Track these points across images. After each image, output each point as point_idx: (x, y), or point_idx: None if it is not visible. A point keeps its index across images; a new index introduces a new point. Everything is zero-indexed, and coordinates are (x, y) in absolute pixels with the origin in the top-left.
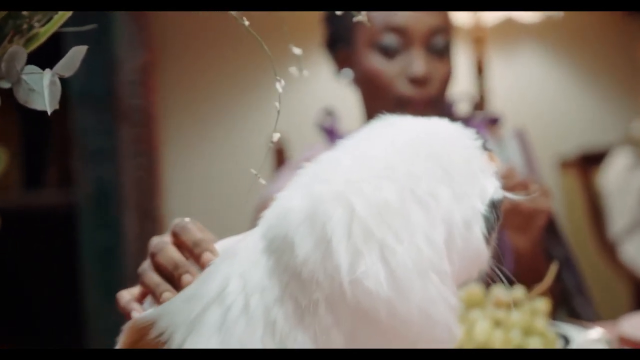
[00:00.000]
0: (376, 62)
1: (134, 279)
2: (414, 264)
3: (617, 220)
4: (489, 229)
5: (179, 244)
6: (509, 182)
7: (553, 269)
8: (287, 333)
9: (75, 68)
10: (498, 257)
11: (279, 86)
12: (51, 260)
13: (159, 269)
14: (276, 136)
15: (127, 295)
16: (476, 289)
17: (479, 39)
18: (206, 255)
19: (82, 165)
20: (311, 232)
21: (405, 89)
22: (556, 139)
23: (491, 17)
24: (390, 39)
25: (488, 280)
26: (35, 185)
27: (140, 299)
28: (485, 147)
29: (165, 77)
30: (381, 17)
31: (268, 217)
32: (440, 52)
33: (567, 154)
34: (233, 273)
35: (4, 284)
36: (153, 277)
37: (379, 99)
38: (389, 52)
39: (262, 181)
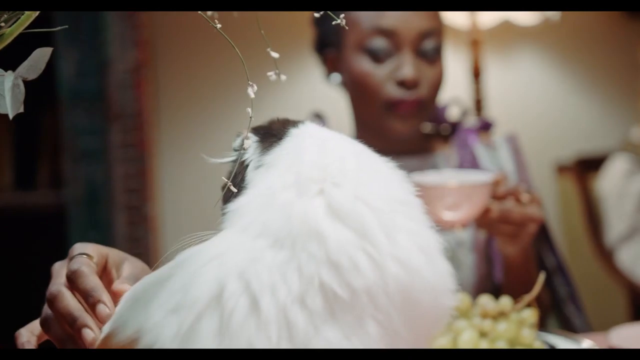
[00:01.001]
0: (365, 66)
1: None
2: (435, 242)
3: (614, 226)
4: None
5: (74, 288)
6: (500, 188)
7: (541, 279)
8: (312, 332)
9: (40, 70)
10: (488, 266)
11: (250, 91)
12: (41, 261)
13: (59, 318)
14: (248, 143)
15: (25, 335)
16: (463, 299)
17: (475, 41)
18: (100, 309)
19: (72, 166)
20: (341, 223)
21: (394, 92)
22: (553, 143)
23: (488, 20)
24: (379, 42)
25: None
26: (26, 186)
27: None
28: None
29: (157, 77)
30: (370, 20)
31: (258, 215)
32: (431, 56)
33: (564, 159)
34: (228, 275)
35: None
36: (57, 330)
37: (367, 103)
38: (378, 56)
39: (234, 189)
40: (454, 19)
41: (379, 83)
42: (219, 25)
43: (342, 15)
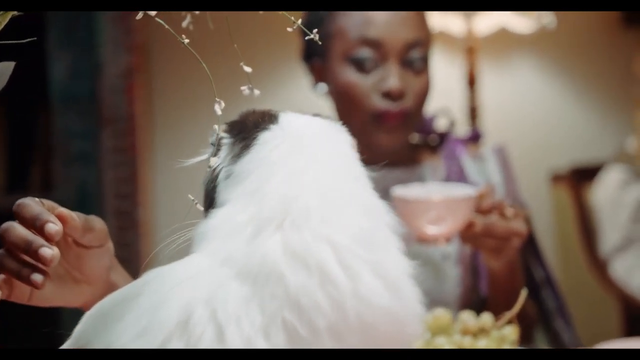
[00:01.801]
0: (350, 76)
1: None
2: (401, 270)
3: (608, 237)
4: None
5: (21, 221)
6: (485, 202)
7: (523, 296)
8: None
9: (3, 84)
10: (474, 278)
11: (217, 108)
12: None
13: (12, 250)
14: (214, 160)
15: None
16: (443, 315)
17: (471, 49)
18: (48, 227)
19: (63, 170)
20: (301, 264)
21: (379, 103)
22: (548, 152)
23: (484, 27)
24: (364, 53)
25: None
26: (18, 188)
27: (2, 285)
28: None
29: (152, 82)
30: (356, 30)
31: (224, 241)
32: (417, 66)
33: (559, 168)
34: (196, 299)
35: None
36: (11, 263)
37: (353, 114)
38: (363, 66)
39: (200, 207)
40: (449, 25)
41: (364, 94)
42: (186, 41)
43: (315, 31)
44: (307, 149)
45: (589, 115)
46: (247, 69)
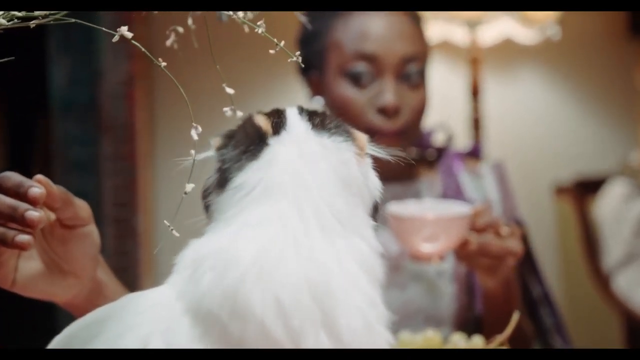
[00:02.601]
0: (346, 91)
1: None
2: (360, 323)
3: (611, 251)
4: None
5: (4, 192)
6: (480, 221)
7: (514, 319)
8: None
9: None
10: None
11: (194, 133)
12: None
13: None
14: (189, 187)
15: None
16: (434, 336)
17: (475, 59)
18: (32, 190)
19: (61, 176)
20: (240, 315)
21: (374, 119)
22: (552, 164)
23: (488, 38)
24: (360, 67)
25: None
26: None
27: None
28: None
29: (153, 89)
30: (352, 44)
31: (191, 276)
32: (413, 81)
33: (562, 180)
34: (154, 330)
35: None
36: None
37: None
38: (359, 81)
39: (176, 233)
40: (453, 35)
41: (359, 109)
42: (163, 64)
43: (297, 53)
44: (291, 190)
45: (593, 127)
46: (230, 91)
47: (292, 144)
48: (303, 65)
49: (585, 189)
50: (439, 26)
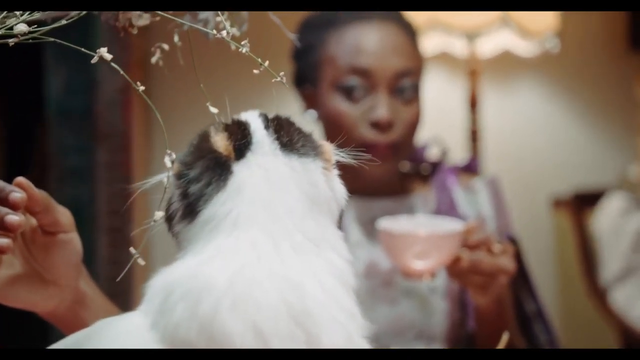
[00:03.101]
0: (339, 105)
1: None
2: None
3: (609, 266)
4: None
5: None
6: (472, 238)
7: (504, 340)
8: None
9: None
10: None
11: (167, 160)
12: None
13: None
14: (159, 215)
15: None
16: None
17: (473, 71)
18: (12, 195)
19: (57, 184)
20: (219, 345)
21: (367, 133)
22: (550, 177)
23: (487, 50)
24: (353, 81)
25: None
26: None
27: None
28: None
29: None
30: (345, 58)
31: (158, 308)
32: (407, 96)
33: (560, 193)
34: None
35: None
36: None
37: (341, 143)
38: (352, 95)
39: (142, 261)
40: (452, 47)
41: (352, 123)
42: (141, 88)
43: (282, 73)
44: (261, 218)
45: (592, 140)
46: (213, 110)
47: (258, 168)
48: (287, 86)
49: (583, 202)
50: (437, 38)
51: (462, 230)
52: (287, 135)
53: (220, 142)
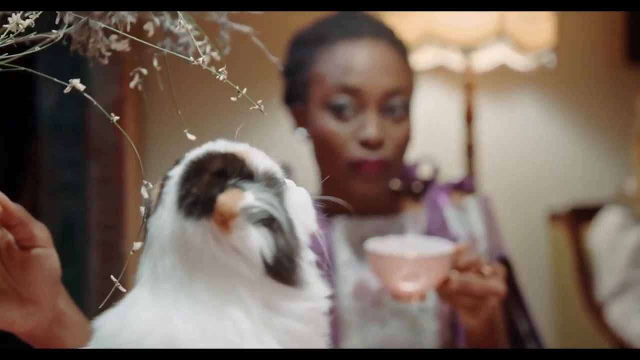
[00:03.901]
0: (328, 123)
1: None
2: None
3: (605, 281)
4: None
5: None
6: (461, 259)
7: None
8: None
9: None
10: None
11: (144, 191)
12: None
13: None
14: (137, 245)
15: None
16: None
17: (469, 85)
18: None
19: (49, 199)
20: None
21: (356, 152)
22: (547, 191)
23: (483, 63)
24: (343, 100)
25: None
26: None
27: None
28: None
29: (145, 113)
30: (335, 77)
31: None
32: (397, 115)
33: (557, 207)
34: None
35: None
36: None
37: (330, 161)
38: (341, 114)
39: (122, 289)
40: (449, 61)
41: (342, 142)
42: (116, 118)
43: (260, 101)
44: (157, 278)
45: (589, 154)
46: (191, 137)
47: (154, 225)
48: (265, 114)
49: (579, 217)
50: (433, 51)
51: (451, 252)
52: (183, 191)
53: (154, 191)
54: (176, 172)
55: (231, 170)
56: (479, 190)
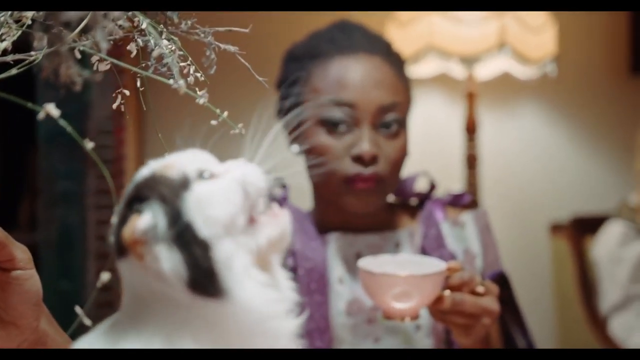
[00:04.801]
0: (323, 138)
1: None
2: None
3: (608, 294)
4: None
5: None
6: (454, 278)
7: None
8: None
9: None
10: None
11: (115, 219)
12: None
13: None
14: (105, 276)
15: None
16: None
17: (471, 94)
18: None
19: (47, 209)
20: None
21: (350, 167)
22: (549, 202)
23: (485, 73)
24: (337, 115)
25: None
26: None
27: None
28: None
29: (145, 124)
30: (329, 92)
31: None
32: (392, 131)
33: (559, 218)
34: None
35: None
36: None
37: (324, 176)
38: (336, 129)
39: (87, 321)
40: (451, 70)
41: (336, 157)
42: (90, 144)
43: (240, 125)
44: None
45: (592, 165)
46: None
47: None
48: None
49: (582, 228)
50: (435, 62)
51: (443, 271)
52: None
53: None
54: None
55: (143, 195)
56: (480, 200)
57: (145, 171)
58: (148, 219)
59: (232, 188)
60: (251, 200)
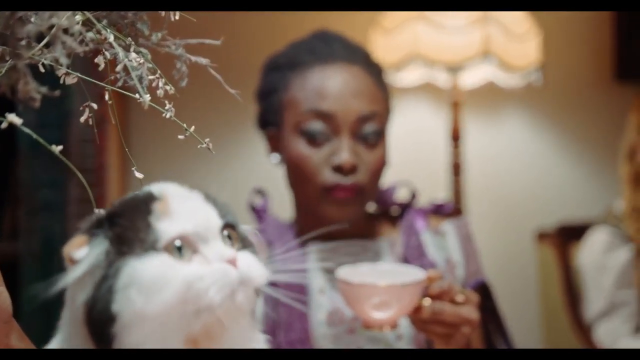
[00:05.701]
0: (302, 148)
1: None
2: None
3: (593, 301)
4: None
5: None
6: (434, 287)
7: None
8: None
9: None
10: None
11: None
12: None
13: None
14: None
15: None
16: None
17: (456, 103)
18: None
19: (28, 218)
20: None
21: (329, 177)
22: (534, 210)
23: (470, 81)
24: (316, 125)
25: None
26: None
27: None
28: None
29: (129, 133)
30: (308, 102)
31: None
32: (371, 140)
33: (545, 226)
34: None
35: None
36: None
37: (304, 185)
38: (314, 139)
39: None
40: (436, 78)
41: (315, 167)
42: (60, 148)
43: (207, 140)
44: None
45: (577, 173)
46: (139, 175)
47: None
48: (213, 152)
49: (567, 236)
50: (419, 70)
51: (423, 280)
52: None
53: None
54: None
55: (111, 220)
56: (466, 208)
57: (143, 195)
58: (84, 252)
59: (176, 289)
60: (193, 305)
